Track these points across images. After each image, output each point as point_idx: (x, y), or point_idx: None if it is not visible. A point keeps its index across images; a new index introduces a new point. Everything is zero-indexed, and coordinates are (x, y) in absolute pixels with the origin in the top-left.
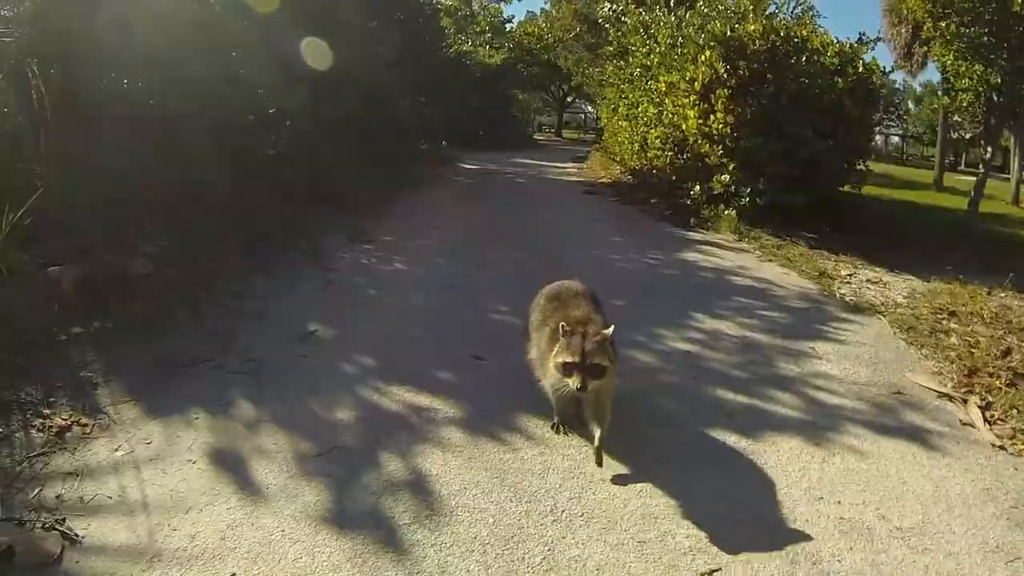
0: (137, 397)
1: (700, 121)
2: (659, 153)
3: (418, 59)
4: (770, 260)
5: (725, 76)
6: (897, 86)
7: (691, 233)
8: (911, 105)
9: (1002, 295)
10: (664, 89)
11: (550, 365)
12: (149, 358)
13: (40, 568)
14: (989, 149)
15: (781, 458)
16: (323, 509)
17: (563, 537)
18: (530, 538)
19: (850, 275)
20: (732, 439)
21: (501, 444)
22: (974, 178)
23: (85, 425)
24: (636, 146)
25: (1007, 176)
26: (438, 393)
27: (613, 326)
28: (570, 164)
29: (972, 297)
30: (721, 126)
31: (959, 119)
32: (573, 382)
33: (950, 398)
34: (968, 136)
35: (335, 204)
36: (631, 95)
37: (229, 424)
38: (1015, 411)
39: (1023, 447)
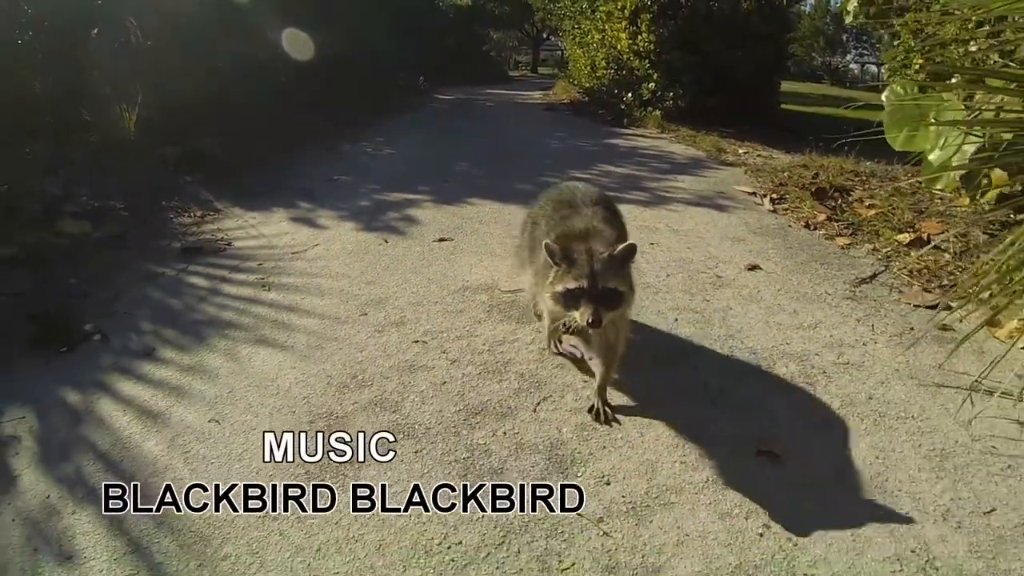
0: (239, 205)
1: (630, 41)
2: (603, 72)
3: (394, 2)
4: (680, 143)
5: (648, 2)
6: None
7: (623, 130)
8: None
9: (867, 163)
10: (604, 17)
11: (547, 295)
12: (238, 190)
13: (216, 253)
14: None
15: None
16: (358, 227)
17: (484, 230)
18: (464, 230)
19: (745, 152)
20: None
21: (458, 207)
22: None
23: (214, 214)
24: (588, 68)
25: None
26: (419, 193)
27: (633, 243)
28: (537, 92)
29: (834, 163)
30: (646, 44)
31: None
32: (582, 315)
33: (755, 194)
34: None
35: (332, 121)
36: (583, 24)
37: (297, 211)
38: (799, 201)
39: (789, 214)
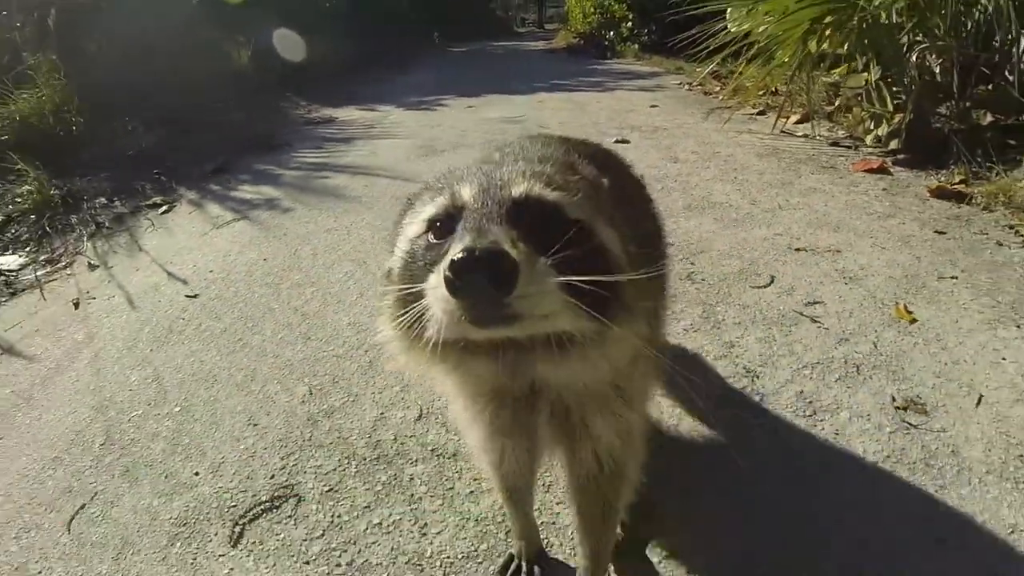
0: (326, 106)
1: None
2: (592, 18)
3: None
4: (648, 66)
5: None
6: None
7: (605, 61)
8: None
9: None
10: None
11: (386, 306)
12: (323, 100)
13: (327, 123)
14: None
15: (585, 96)
16: (411, 110)
17: (493, 102)
18: (480, 103)
19: (700, 71)
20: (564, 95)
21: (474, 98)
22: None
23: (313, 109)
24: (580, 16)
25: None
26: (447, 95)
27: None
28: (540, 42)
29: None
30: None
31: None
32: (442, 275)
33: (682, 84)
34: None
35: (374, 66)
36: None
37: (365, 106)
38: (708, 86)
39: (698, 90)
